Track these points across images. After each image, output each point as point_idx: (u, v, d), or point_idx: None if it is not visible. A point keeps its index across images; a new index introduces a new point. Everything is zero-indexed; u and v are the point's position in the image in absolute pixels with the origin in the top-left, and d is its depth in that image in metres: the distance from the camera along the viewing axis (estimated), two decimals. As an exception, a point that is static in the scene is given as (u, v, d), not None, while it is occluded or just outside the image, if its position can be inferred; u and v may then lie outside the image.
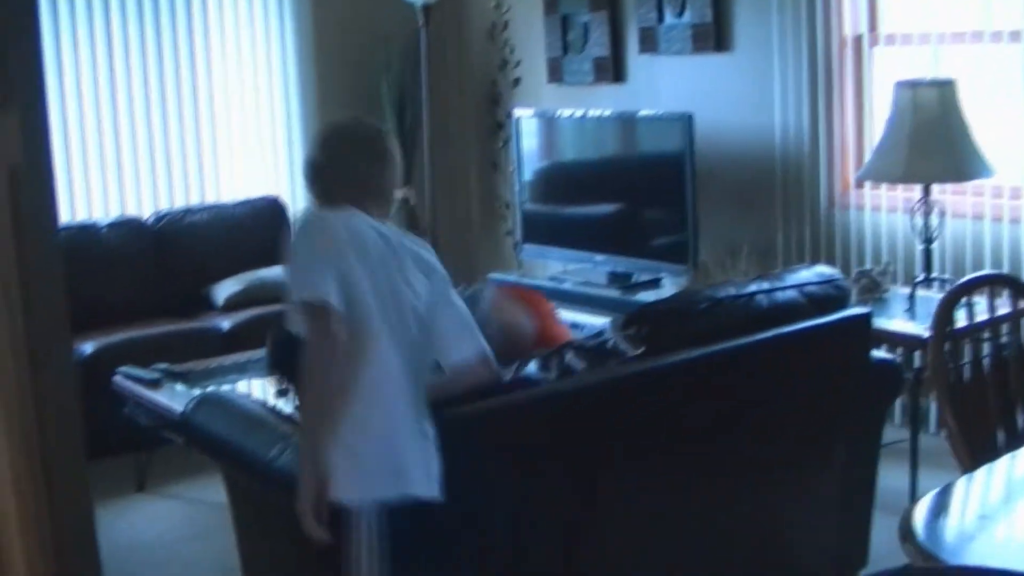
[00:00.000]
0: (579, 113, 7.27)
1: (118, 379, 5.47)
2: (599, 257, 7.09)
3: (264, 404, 4.47)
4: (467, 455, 3.34)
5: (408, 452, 3.28)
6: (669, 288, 6.73)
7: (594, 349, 3.67)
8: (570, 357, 3.62)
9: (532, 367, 3.57)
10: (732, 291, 4.00)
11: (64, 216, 7.02)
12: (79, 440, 2.24)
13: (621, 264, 6.99)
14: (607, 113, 7.12)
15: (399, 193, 3.42)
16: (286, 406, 4.91)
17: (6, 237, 1.91)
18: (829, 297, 4.16)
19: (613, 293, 6.84)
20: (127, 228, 7.21)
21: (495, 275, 7.47)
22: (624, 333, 3.74)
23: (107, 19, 7.38)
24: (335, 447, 3.23)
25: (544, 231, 7.50)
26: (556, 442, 3.48)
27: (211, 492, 5.22)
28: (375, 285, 3.32)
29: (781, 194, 6.61)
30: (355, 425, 3.26)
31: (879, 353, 4.45)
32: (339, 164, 3.56)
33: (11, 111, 1.91)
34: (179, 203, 7.65)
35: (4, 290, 1.93)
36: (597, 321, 6.62)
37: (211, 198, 7.79)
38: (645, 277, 6.93)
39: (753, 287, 4.04)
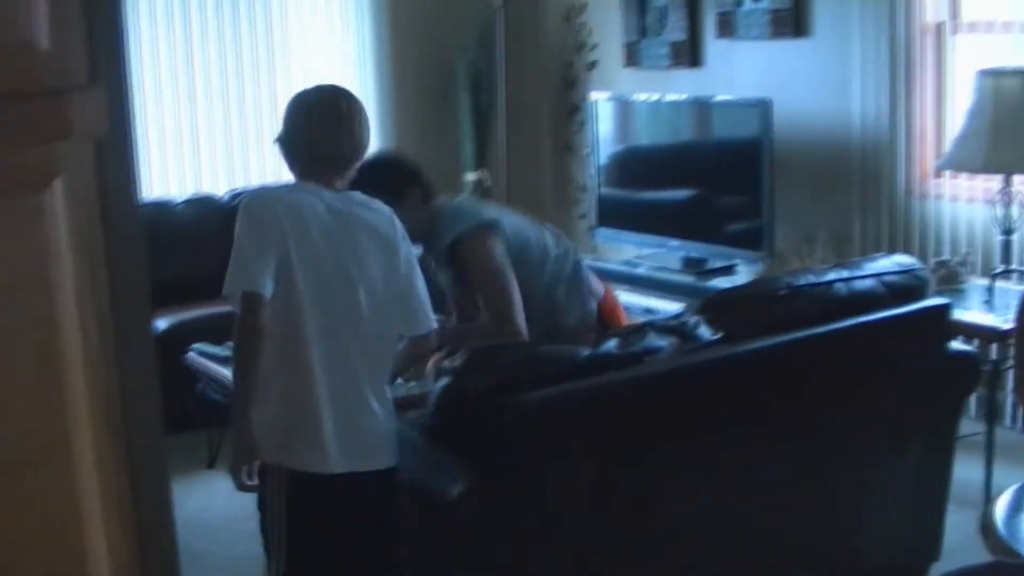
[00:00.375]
0: (655, 97, 7.24)
1: (191, 356, 5.50)
2: (673, 242, 7.05)
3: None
4: (546, 435, 3.33)
5: (328, 427, 3.41)
6: (744, 275, 6.69)
7: (674, 330, 3.64)
8: (651, 338, 3.60)
9: (611, 345, 3.55)
10: (811, 278, 3.98)
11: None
12: (159, 418, 2.24)
13: (695, 250, 6.96)
14: (683, 98, 7.08)
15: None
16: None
17: (93, 211, 1.92)
18: (908, 287, 4.12)
19: (687, 279, 6.82)
20: (202, 205, 7.25)
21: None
22: (703, 317, 3.73)
23: (185, -3, 7.43)
24: (263, 414, 3.42)
25: (619, 215, 7.48)
26: (633, 425, 3.47)
27: (282, 470, 5.24)
28: (314, 266, 3.41)
29: (859, 182, 6.54)
30: (279, 397, 3.43)
31: (957, 344, 4.39)
32: (295, 135, 3.59)
33: (98, 85, 1.91)
34: (254, 181, 7.67)
35: (91, 265, 1.93)
36: (671, 307, 6.61)
37: (286, 177, 7.77)
38: (719, 263, 6.89)
39: (832, 275, 4.01)
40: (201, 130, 7.54)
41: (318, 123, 3.55)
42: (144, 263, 2.14)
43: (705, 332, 3.66)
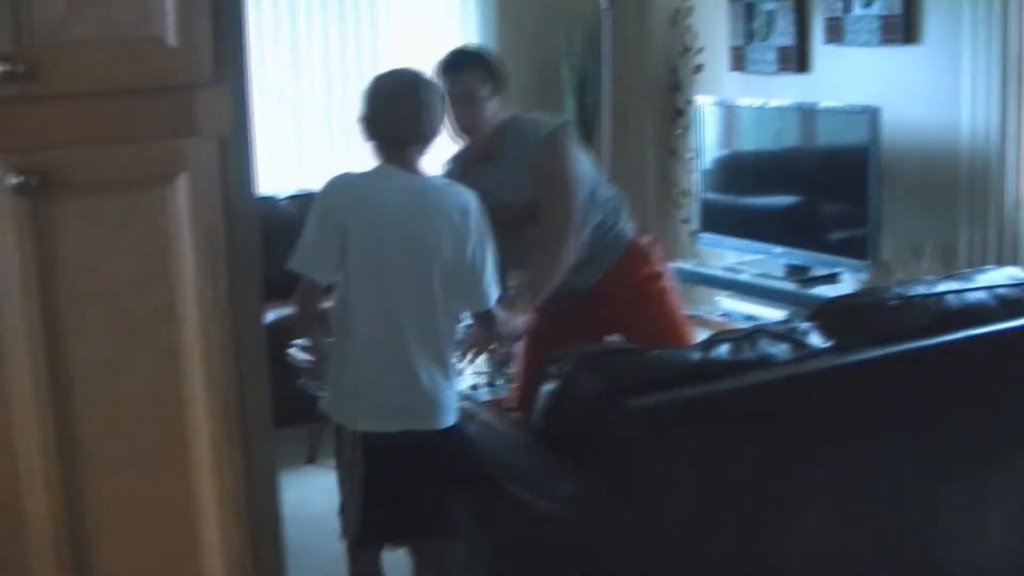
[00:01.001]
0: (760, 102, 7.19)
1: (293, 351, 5.52)
2: (777, 249, 6.99)
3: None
4: (653, 442, 3.32)
5: (386, 393, 3.74)
6: (847, 284, 6.63)
7: (785, 337, 3.61)
8: (762, 344, 3.57)
9: (722, 351, 3.52)
10: (922, 289, 3.93)
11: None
12: (269, 413, 2.26)
13: (799, 257, 6.89)
14: (789, 103, 7.03)
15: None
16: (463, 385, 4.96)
17: (215, 208, 1.94)
18: (1020, 300, 4.06)
19: (790, 286, 6.76)
20: (307, 202, 7.24)
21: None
22: (814, 324, 3.70)
23: (294, -4, 7.49)
24: (329, 375, 3.91)
25: (721, 220, 7.43)
26: (742, 433, 3.44)
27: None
28: (373, 249, 3.69)
29: (967, 192, 6.44)
30: (340, 364, 3.81)
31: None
32: (376, 117, 3.85)
33: (223, 83, 1.93)
34: (358, 180, 7.71)
35: (211, 260, 1.96)
36: (772, 314, 6.57)
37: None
38: (823, 271, 6.83)
39: (943, 286, 3.96)
40: (305, 128, 7.59)
41: (399, 106, 3.80)
42: (259, 260, 2.16)
43: (816, 340, 3.63)
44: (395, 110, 3.80)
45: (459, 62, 4.43)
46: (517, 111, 4.61)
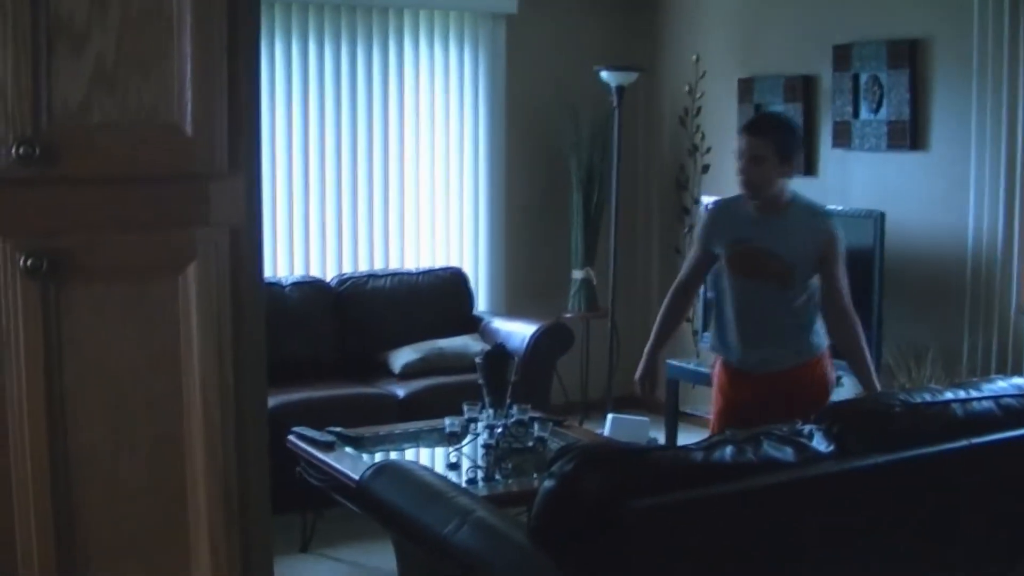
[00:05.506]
0: (767, 203, 7.20)
1: (292, 438, 5.51)
2: (779, 350, 6.97)
3: (444, 477, 4.45)
4: (654, 544, 3.28)
5: None
6: (849, 388, 6.60)
7: (789, 440, 3.59)
8: (766, 447, 3.54)
9: (726, 453, 3.50)
10: (927, 397, 3.92)
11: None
12: (268, 500, 2.24)
13: (801, 359, 6.87)
14: (796, 205, 7.04)
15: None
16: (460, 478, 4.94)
17: (224, 297, 1.94)
18: (1025, 410, 4.04)
19: (791, 388, 6.74)
20: (310, 288, 7.30)
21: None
22: (817, 428, 3.68)
23: (304, 88, 7.54)
24: None
25: (724, 320, 7.40)
26: (744, 537, 3.41)
27: (375, 558, 5.22)
28: None
29: (970, 298, 6.46)
30: None
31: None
32: None
33: (238, 173, 1.93)
34: (363, 267, 7.74)
35: (218, 348, 1.95)
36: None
37: (394, 265, 7.88)
38: (825, 374, 6.81)
39: (949, 394, 3.95)
40: (312, 214, 7.63)
41: None
42: (264, 349, 2.15)
43: (821, 444, 3.61)
44: None
45: (755, 127, 4.95)
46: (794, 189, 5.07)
